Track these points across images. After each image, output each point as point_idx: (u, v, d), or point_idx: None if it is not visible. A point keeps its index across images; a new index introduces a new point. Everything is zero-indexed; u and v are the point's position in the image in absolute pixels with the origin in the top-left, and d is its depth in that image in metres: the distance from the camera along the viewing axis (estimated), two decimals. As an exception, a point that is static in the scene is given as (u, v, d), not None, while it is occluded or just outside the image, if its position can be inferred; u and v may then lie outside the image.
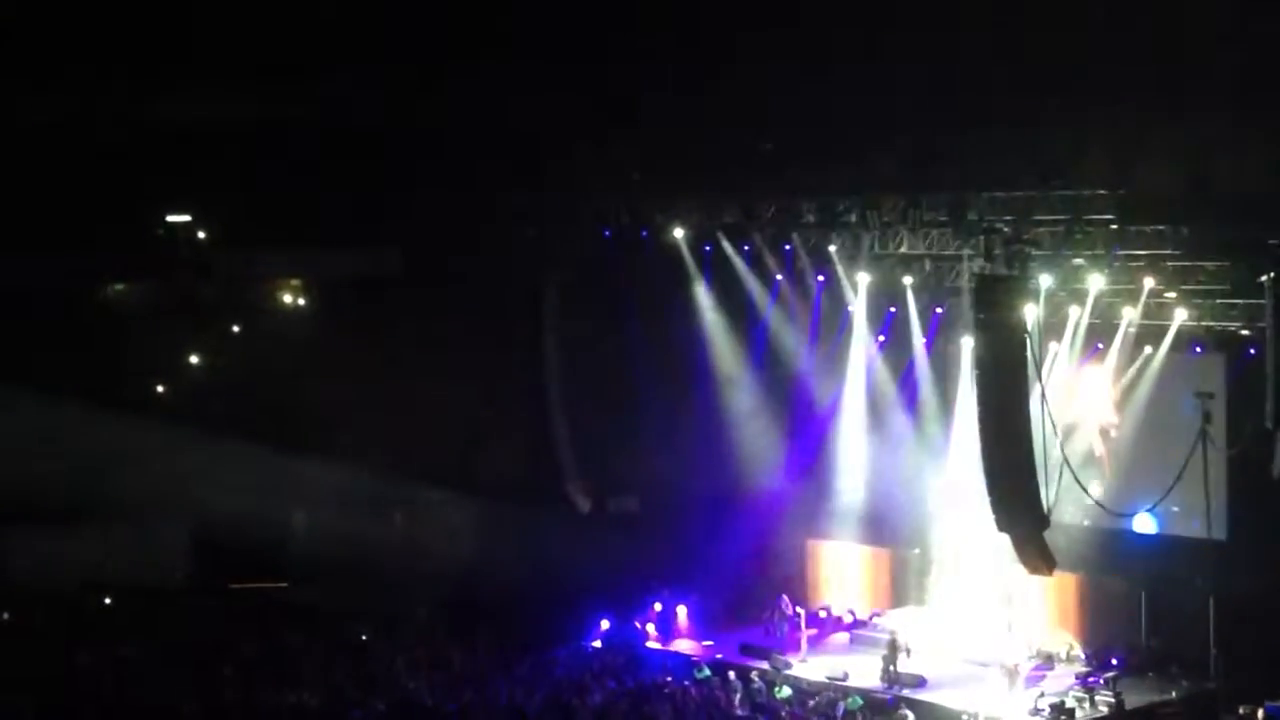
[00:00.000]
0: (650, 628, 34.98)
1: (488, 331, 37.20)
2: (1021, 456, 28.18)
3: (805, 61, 32.52)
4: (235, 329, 40.49)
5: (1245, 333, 30.60)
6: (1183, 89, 28.78)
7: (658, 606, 35.27)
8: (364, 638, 34.12)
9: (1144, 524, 32.55)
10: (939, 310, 34.50)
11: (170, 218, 39.70)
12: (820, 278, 35.37)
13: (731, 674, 31.59)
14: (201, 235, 39.97)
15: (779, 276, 35.81)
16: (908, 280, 34.17)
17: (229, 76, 36.44)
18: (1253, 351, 30.40)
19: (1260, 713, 28.46)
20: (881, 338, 35.67)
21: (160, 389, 40.05)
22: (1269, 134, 27.98)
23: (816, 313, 35.87)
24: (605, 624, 34.85)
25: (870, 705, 30.08)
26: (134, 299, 40.60)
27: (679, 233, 35.46)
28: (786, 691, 31.02)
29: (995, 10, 30.43)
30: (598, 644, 34.45)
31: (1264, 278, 28.39)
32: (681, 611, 35.28)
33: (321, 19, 36.01)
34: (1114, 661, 31.60)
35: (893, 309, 35.15)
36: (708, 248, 35.73)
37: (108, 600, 36.77)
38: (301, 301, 41.00)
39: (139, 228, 39.42)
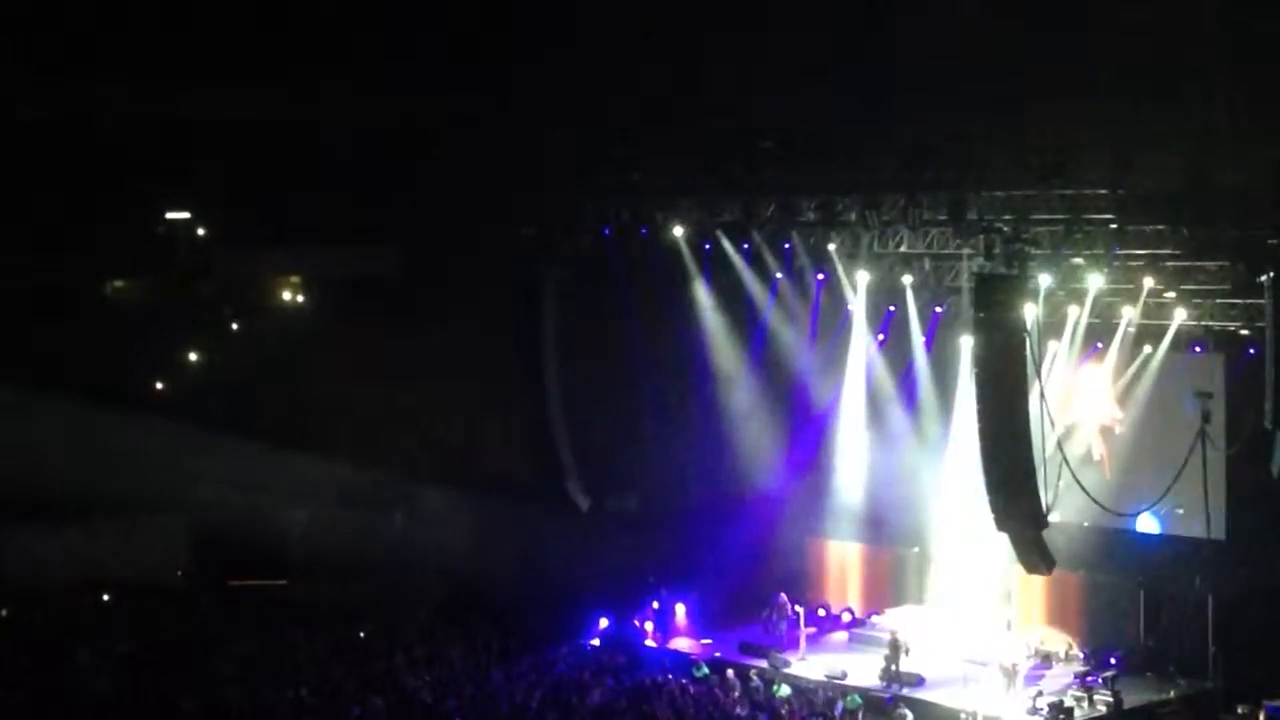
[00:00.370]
0: (649, 626, 34.97)
1: (488, 331, 37.21)
2: (1020, 456, 28.19)
3: (805, 61, 32.55)
4: (235, 326, 40.56)
5: (1245, 333, 30.61)
6: (1183, 89, 28.80)
7: (656, 605, 35.26)
8: (363, 635, 34.11)
9: (1147, 524, 32.57)
10: (938, 309, 34.52)
11: (170, 215, 39.79)
12: (820, 276, 35.38)
13: (730, 672, 31.57)
14: (201, 233, 40.07)
15: (778, 275, 35.82)
16: (907, 279, 34.17)
17: (229, 76, 36.48)
18: (1252, 351, 30.40)
19: (1261, 714, 28.48)
20: (881, 337, 35.69)
21: (160, 386, 40.12)
22: (1269, 134, 28.02)
23: (816, 311, 35.88)
24: (604, 622, 34.83)
25: (869, 704, 30.08)
26: (134, 296, 40.68)
27: (679, 231, 35.45)
28: (785, 690, 31.01)
29: (995, 10, 30.47)
30: (597, 642, 34.43)
31: (1263, 278, 28.34)
32: (680, 610, 35.26)
33: (321, 19, 36.07)
34: (1112, 661, 31.58)
35: (892, 308, 35.16)
36: (707, 246, 35.73)
37: (106, 597, 36.77)
38: (301, 299, 41.07)
39: (139, 225, 39.49)
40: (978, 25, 30.78)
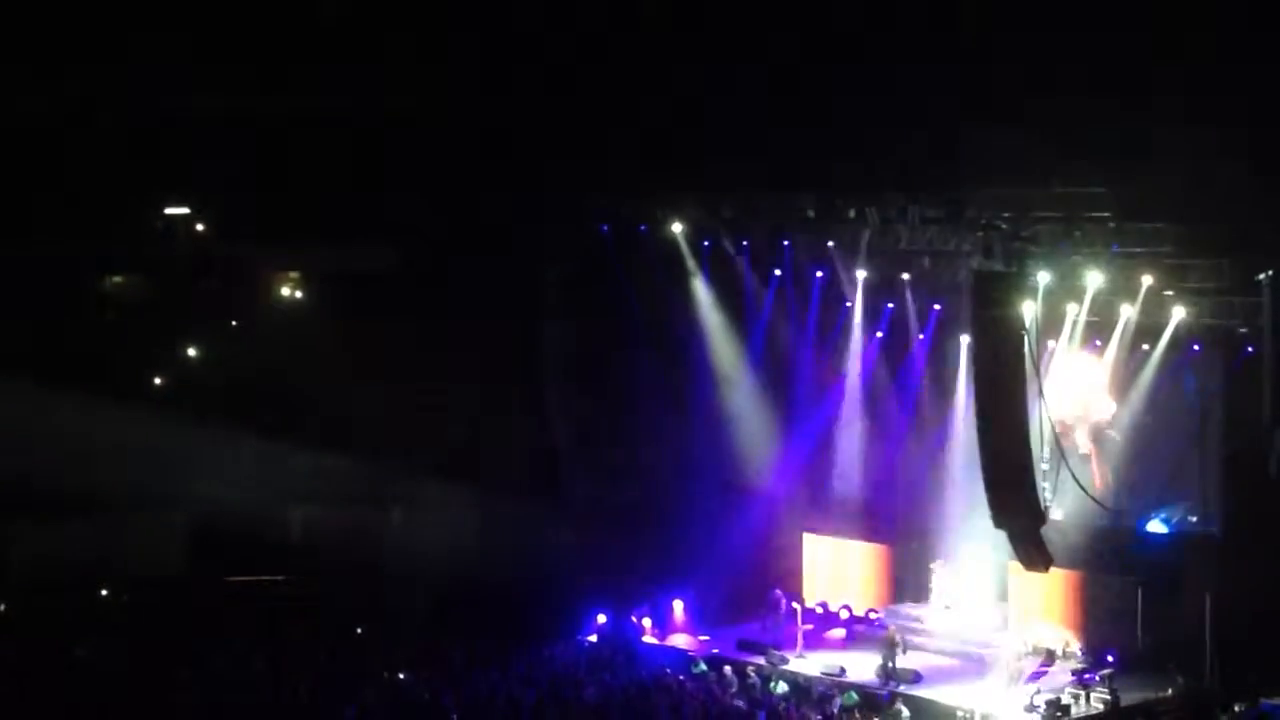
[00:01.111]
0: (647, 622, 34.98)
1: (488, 330, 37.22)
2: (1019, 453, 28.12)
3: (805, 60, 32.58)
4: (234, 323, 40.57)
5: (1243, 331, 30.62)
6: (1182, 88, 28.83)
7: (654, 601, 35.26)
8: (361, 632, 34.12)
9: (1155, 526, 32.62)
10: (937, 307, 34.55)
11: (169, 211, 39.81)
12: (819, 273, 35.44)
13: (727, 669, 31.62)
14: (200, 228, 40.09)
15: (777, 272, 35.87)
16: (906, 276, 34.21)
17: (230, 72, 36.52)
18: (1250, 349, 30.43)
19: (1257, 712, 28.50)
20: (880, 334, 35.74)
21: (158, 381, 40.13)
22: (1268, 132, 28.04)
23: (815, 309, 35.93)
24: (602, 618, 34.87)
25: (866, 701, 30.10)
26: (133, 292, 40.68)
27: (678, 228, 35.51)
28: (782, 686, 31.06)
29: (995, 10, 30.50)
30: (594, 638, 34.46)
31: (1262, 276, 28.41)
32: (678, 606, 35.28)
33: (321, 18, 36.11)
34: (1110, 659, 31.55)
35: (891, 305, 35.21)
36: (706, 243, 35.79)
37: (105, 593, 36.79)
38: (300, 295, 41.07)
39: (138, 221, 39.50)
40: (978, 24, 30.79)
